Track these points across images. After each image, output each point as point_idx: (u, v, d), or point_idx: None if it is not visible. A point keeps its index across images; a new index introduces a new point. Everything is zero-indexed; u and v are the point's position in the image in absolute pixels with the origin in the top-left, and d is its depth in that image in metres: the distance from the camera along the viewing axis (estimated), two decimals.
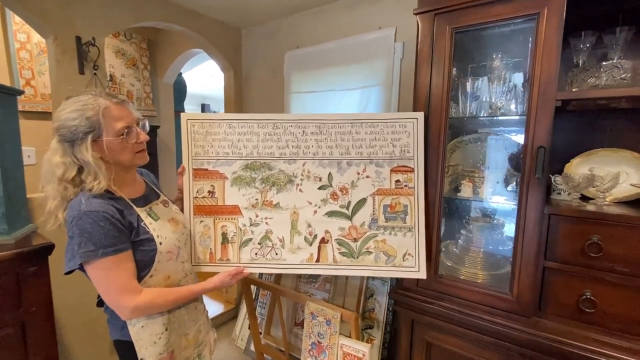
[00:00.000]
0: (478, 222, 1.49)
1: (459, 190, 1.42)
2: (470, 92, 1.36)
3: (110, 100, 0.96)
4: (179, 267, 1.11)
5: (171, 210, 1.15)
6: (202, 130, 1.31)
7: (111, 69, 2.78)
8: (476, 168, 1.46)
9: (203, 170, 1.32)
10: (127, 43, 2.85)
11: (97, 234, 0.89)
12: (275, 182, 1.31)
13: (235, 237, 1.32)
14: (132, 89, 2.93)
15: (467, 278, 1.40)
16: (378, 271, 1.30)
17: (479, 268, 1.44)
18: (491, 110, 1.32)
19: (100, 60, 1.92)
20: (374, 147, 1.28)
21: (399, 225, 1.29)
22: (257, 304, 2.32)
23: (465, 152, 1.53)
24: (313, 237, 1.31)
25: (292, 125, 1.30)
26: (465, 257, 1.47)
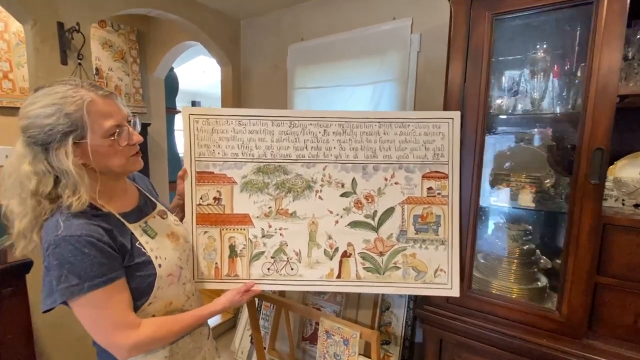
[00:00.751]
0: (510, 230, 1.36)
1: (492, 196, 1.30)
2: (508, 87, 1.23)
3: (96, 93, 0.76)
4: (181, 291, 0.94)
5: (170, 222, 0.98)
6: (207, 127, 1.14)
7: (97, 62, 2.56)
8: (512, 171, 1.33)
9: (208, 174, 1.15)
10: (114, 34, 2.63)
11: (81, 264, 0.71)
12: (292, 188, 1.15)
13: (244, 250, 1.16)
14: (121, 84, 2.71)
15: (499, 292, 1.28)
16: (407, 288, 1.16)
17: (512, 281, 1.32)
18: (532, 107, 1.19)
19: (85, 50, 1.72)
20: (404, 149, 1.14)
21: (430, 237, 1.15)
22: (260, 316, 2.16)
23: (498, 153, 1.40)
24: (334, 250, 1.16)
25: (312, 123, 1.14)
26: (497, 269, 1.35)
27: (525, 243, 1.37)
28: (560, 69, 1.19)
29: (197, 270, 1.16)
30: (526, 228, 1.37)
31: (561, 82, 1.18)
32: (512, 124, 1.44)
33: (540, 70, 1.17)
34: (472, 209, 1.19)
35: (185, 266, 0.97)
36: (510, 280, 1.32)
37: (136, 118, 0.88)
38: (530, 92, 1.20)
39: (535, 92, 1.19)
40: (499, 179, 1.33)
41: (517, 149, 1.41)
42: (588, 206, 1.01)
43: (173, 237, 0.95)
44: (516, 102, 1.23)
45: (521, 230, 1.36)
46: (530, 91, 1.21)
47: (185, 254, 0.98)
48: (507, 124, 1.45)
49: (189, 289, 0.99)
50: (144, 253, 0.83)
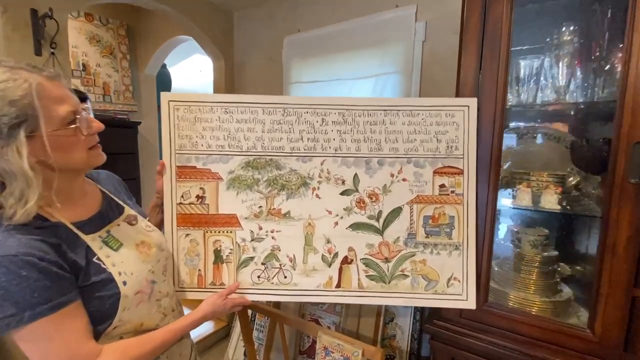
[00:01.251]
0: (529, 235, 1.22)
1: (511, 197, 1.16)
2: (527, 75, 1.10)
3: (40, 74, 0.63)
4: (154, 309, 0.80)
5: (140, 228, 0.84)
6: (189, 115, 1.01)
7: (84, 58, 2.44)
8: (530, 169, 1.20)
9: (190, 169, 1.01)
10: (102, 29, 2.50)
11: (19, 290, 0.57)
12: (285, 184, 1.02)
13: (231, 256, 1.02)
14: (109, 81, 2.58)
15: (518, 305, 1.14)
16: (416, 299, 1.02)
17: (532, 292, 1.18)
18: (557, 96, 1.06)
19: (60, 38, 1.58)
20: (413, 141, 1.01)
21: (443, 241, 1.01)
22: (254, 326, 2.02)
23: (513, 149, 1.27)
24: (333, 255, 1.02)
25: (309, 111, 1.01)
26: (514, 279, 1.21)
27: (545, 249, 1.23)
28: (587, 54, 1.06)
29: (177, 278, 1.02)
30: (546, 233, 1.23)
31: (587, 70, 1.05)
32: (528, 117, 1.31)
33: (565, 55, 1.04)
34: (490, 210, 1.05)
35: (159, 280, 0.83)
36: (530, 292, 1.18)
37: (88, 100, 0.74)
38: (555, 80, 1.06)
39: (560, 79, 1.05)
40: (516, 179, 1.19)
41: (534, 145, 1.28)
42: (627, 209, 0.87)
43: (143, 246, 0.81)
44: (537, 92, 1.10)
45: (541, 236, 1.22)
46: (554, 79, 1.07)
47: (160, 265, 0.84)
48: (523, 118, 1.32)
49: (166, 305, 0.85)
50: (103, 270, 0.69)
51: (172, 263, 1.01)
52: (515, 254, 1.25)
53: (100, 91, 2.51)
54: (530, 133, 1.29)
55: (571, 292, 1.17)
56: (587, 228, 1.24)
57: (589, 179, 1.11)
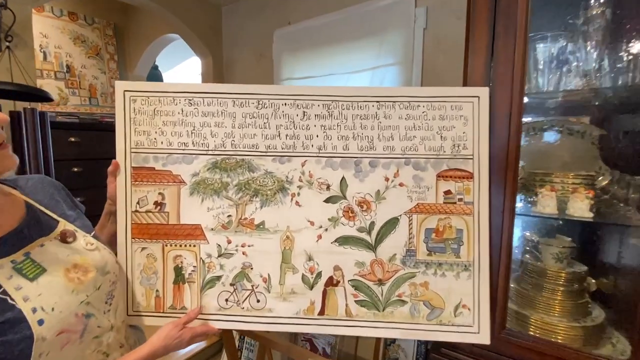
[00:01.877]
0: (552, 246, 1.04)
1: (531, 203, 0.99)
2: (547, 59, 0.94)
3: None
4: (90, 349, 0.64)
5: (78, 247, 0.67)
6: (147, 108, 0.85)
7: (68, 59, 2.32)
8: (552, 169, 1.03)
9: (147, 170, 0.85)
10: (88, 28, 2.40)
11: None
12: (259, 190, 0.85)
13: (194, 274, 0.86)
14: (96, 83, 2.46)
15: (541, 330, 0.96)
16: (415, 332, 0.84)
17: (557, 315, 1.00)
18: (581, 83, 0.89)
19: (24, 33, 1.44)
20: (411, 139, 0.84)
21: (449, 260, 0.83)
22: (244, 345, 1.85)
23: (528, 146, 1.10)
24: (315, 276, 0.85)
25: (288, 103, 0.85)
26: (537, 298, 1.03)
27: (571, 264, 1.05)
28: (619, 33, 0.89)
29: (131, 300, 0.86)
30: (572, 245, 1.05)
31: (616, 53, 0.89)
32: (544, 110, 1.14)
33: (593, 35, 0.88)
34: (507, 221, 0.88)
35: (99, 311, 0.67)
36: (555, 315, 1.00)
37: None
38: (580, 65, 0.90)
39: (586, 63, 0.89)
40: (535, 181, 1.02)
41: (553, 142, 1.11)
42: None
43: (77, 271, 0.64)
44: (559, 79, 0.93)
45: (566, 247, 1.04)
46: (578, 63, 0.91)
47: (100, 292, 0.68)
48: (538, 111, 1.15)
49: (111, 341, 0.69)
50: (10, 306, 0.53)
51: (126, 285, 0.85)
52: (535, 269, 1.07)
53: (86, 94, 2.39)
54: (547, 128, 1.12)
55: (603, 313, 0.99)
56: (617, 235, 1.06)
57: (622, 180, 0.93)
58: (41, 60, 2.20)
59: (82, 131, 2.15)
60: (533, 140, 1.10)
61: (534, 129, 1.12)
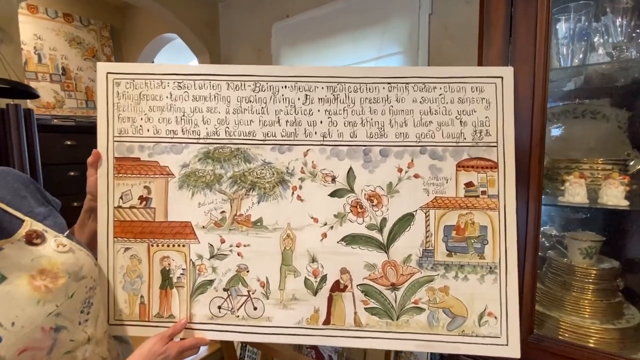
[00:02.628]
0: (579, 241, 0.94)
1: (557, 193, 0.89)
2: (569, 34, 0.85)
3: None
4: None
5: (46, 250, 0.58)
6: (132, 92, 0.77)
7: (64, 61, 2.27)
8: (578, 155, 0.94)
9: (132, 161, 0.77)
10: (83, 30, 2.35)
11: None
12: (257, 182, 0.76)
13: (184, 278, 0.76)
14: (92, 85, 2.41)
15: (572, 334, 0.86)
16: (434, 343, 0.73)
17: (587, 316, 0.90)
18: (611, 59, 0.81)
19: (7, 24, 1.37)
20: (427, 124, 0.75)
21: (472, 261, 0.73)
22: (246, 353, 1.76)
23: (569, 127, 1.01)
24: (320, 280, 0.75)
25: (288, 85, 0.76)
26: (564, 299, 0.94)
27: (601, 259, 0.96)
28: None
29: (112, 307, 0.76)
30: (601, 239, 0.95)
31: None
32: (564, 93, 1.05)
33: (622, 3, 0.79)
34: (532, 214, 0.78)
35: (72, 322, 0.57)
36: (585, 316, 0.91)
37: None
38: (610, 38, 0.81)
39: (616, 36, 0.80)
40: (559, 169, 0.93)
41: (573, 126, 1.02)
42: None
43: (44, 277, 0.55)
44: (583, 57, 0.85)
45: (595, 242, 0.94)
46: (608, 36, 0.82)
47: (74, 301, 0.58)
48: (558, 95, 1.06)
49: (90, 356, 0.60)
50: None
51: (107, 290, 0.75)
52: (561, 266, 0.97)
53: (83, 96, 2.33)
54: (568, 113, 1.03)
55: (638, 313, 0.89)
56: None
57: None
58: (36, 63, 2.15)
59: (79, 134, 2.08)
60: (553, 127, 1.01)
61: (553, 114, 1.03)
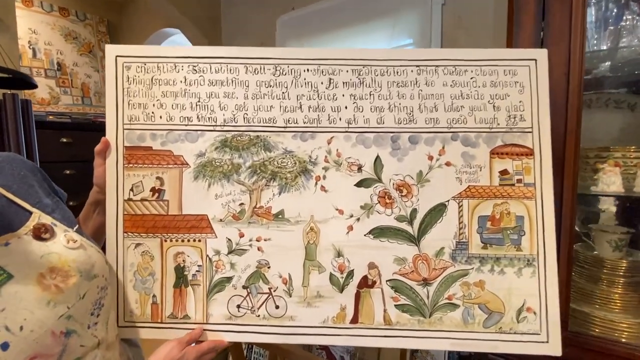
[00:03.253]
0: (609, 233, 0.92)
1: (589, 182, 0.87)
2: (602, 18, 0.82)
3: None
4: None
5: (56, 246, 0.52)
6: (143, 76, 0.72)
7: (59, 56, 2.20)
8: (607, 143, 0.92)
9: (144, 150, 0.72)
10: (80, 24, 2.28)
11: None
12: (278, 172, 0.71)
13: (200, 276, 0.71)
14: (89, 81, 2.34)
15: (602, 329, 0.84)
16: (469, 342, 0.69)
17: (617, 311, 0.88)
18: None
19: (5, 12, 1.32)
20: (459, 109, 0.71)
21: (508, 253, 0.69)
22: (252, 355, 1.71)
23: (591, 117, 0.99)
24: (346, 275, 0.70)
25: (311, 68, 0.72)
26: (594, 293, 0.91)
27: (631, 253, 0.93)
28: None
29: (122, 308, 0.71)
30: (631, 231, 0.93)
31: None
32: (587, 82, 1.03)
33: None
34: (567, 204, 0.75)
35: (83, 326, 0.52)
36: (615, 311, 0.88)
37: None
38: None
39: None
40: (589, 157, 0.90)
41: (596, 115, 1.00)
42: None
43: (54, 276, 0.49)
44: (614, 42, 0.81)
45: (625, 234, 0.92)
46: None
47: (86, 302, 0.53)
48: None
49: None
50: None
51: (116, 290, 0.70)
52: (589, 259, 0.95)
53: (79, 92, 2.26)
54: (591, 102, 1.01)
55: None
56: None
57: None
58: (30, 57, 2.08)
59: (75, 131, 2.02)
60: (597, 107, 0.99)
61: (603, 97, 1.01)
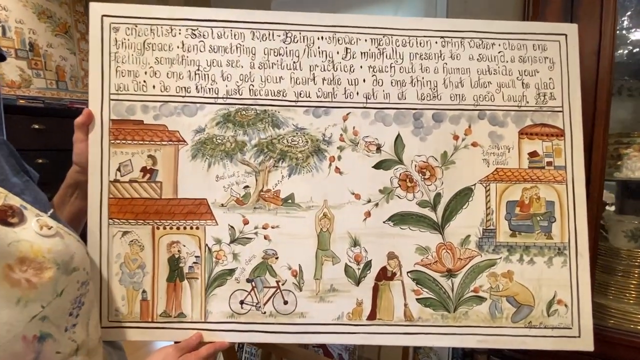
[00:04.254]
0: (625, 223, 0.90)
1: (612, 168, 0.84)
2: None
3: None
4: None
5: (27, 233, 0.42)
6: (134, 40, 0.63)
7: (32, 36, 2.03)
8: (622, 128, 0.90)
9: (133, 124, 0.62)
10: (55, 3, 2.12)
11: None
12: (287, 152, 0.64)
13: (197, 268, 0.63)
14: (64, 64, 2.18)
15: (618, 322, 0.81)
16: (497, 337, 0.63)
17: (632, 302, 0.86)
18: None
19: None
20: (486, 86, 0.65)
21: (538, 242, 0.64)
22: (243, 355, 1.63)
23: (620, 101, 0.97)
24: (364, 267, 0.63)
25: (325, 36, 0.64)
26: (610, 284, 0.89)
27: None
28: None
29: (107, 306, 0.61)
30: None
31: None
32: None
33: None
34: (595, 190, 0.71)
35: (59, 328, 0.43)
36: (630, 301, 0.87)
37: None
38: None
39: None
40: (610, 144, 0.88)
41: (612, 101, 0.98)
42: None
43: (25, 268, 0.40)
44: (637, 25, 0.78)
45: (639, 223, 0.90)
46: None
47: (63, 301, 0.44)
48: None
49: None
50: None
51: (100, 285, 0.61)
52: (603, 250, 0.93)
53: (53, 76, 2.10)
54: None
55: None
56: None
57: None
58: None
59: (48, 118, 1.87)
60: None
61: None
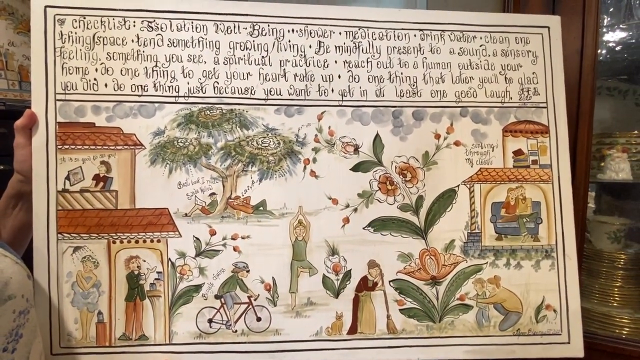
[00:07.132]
0: (608, 224, 0.89)
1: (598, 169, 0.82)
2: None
3: None
4: None
5: None
6: (83, 33, 0.56)
7: None
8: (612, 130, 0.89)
9: (83, 127, 0.56)
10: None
11: None
12: (258, 155, 0.59)
13: (160, 285, 0.57)
14: (27, 64, 2.04)
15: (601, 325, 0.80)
16: (485, 347, 0.60)
17: (616, 305, 0.86)
18: None
19: None
20: (468, 81, 0.62)
21: (525, 244, 0.61)
22: None
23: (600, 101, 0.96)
24: (342, 277, 0.59)
25: (296, 29, 0.59)
26: (593, 287, 0.88)
27: (629, 245, 0.90)
28: None
29: (57, 331, 0.55)
30: (628, 222, 0.90)
31: None
32: None
33: None
34: (580, 189, 0.68)
35: None
36: (614, 305, 0.85)
37: None
38: None
39: None
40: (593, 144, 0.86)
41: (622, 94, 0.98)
42: None
43: None
44: None
45: (623, 225, 0.88)
46: None
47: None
48: None
49: None
50: None
51: (49, 308, 0.54)
52: (585, 251, 0.91)
53: (15, 77, 1.96)
54: None
55: None
56: None
57: None
58: None
59: (10, 121, 1.74)
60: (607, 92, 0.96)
61: None
